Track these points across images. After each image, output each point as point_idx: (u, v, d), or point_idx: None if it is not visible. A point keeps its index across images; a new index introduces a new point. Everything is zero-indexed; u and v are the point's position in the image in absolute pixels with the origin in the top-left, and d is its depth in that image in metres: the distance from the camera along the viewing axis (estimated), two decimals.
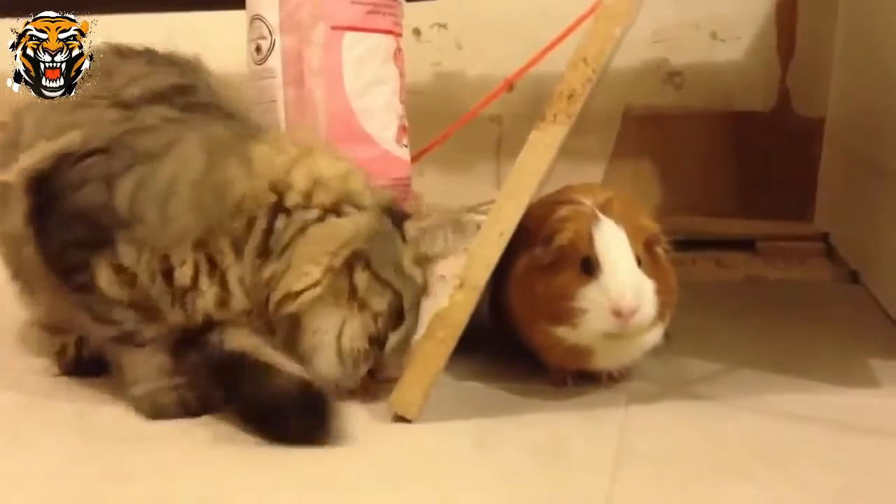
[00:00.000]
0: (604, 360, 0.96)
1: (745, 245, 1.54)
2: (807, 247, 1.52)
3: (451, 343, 0.89)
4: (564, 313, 0.90)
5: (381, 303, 0.91)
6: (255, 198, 0.89)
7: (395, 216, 0.95)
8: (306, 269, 0.89)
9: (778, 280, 1.46)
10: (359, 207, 0.92)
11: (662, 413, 0.92)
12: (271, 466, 0.81)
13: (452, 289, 0.89)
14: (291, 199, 0.90)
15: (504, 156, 1.74)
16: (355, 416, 0.90)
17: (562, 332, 0.92)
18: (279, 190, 0.90)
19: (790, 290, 1.40)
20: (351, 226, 0.91)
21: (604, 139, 1.74)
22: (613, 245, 0.90)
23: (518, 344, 1.01)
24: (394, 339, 0.93)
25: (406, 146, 1.23)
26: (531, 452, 0.83)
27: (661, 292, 0.91)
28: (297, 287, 0.88)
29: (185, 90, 0.97)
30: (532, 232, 0.93)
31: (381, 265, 0.92)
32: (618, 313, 0.88)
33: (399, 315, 0.93)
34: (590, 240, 0.90)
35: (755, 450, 0.83)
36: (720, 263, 1.50)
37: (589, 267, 0.90)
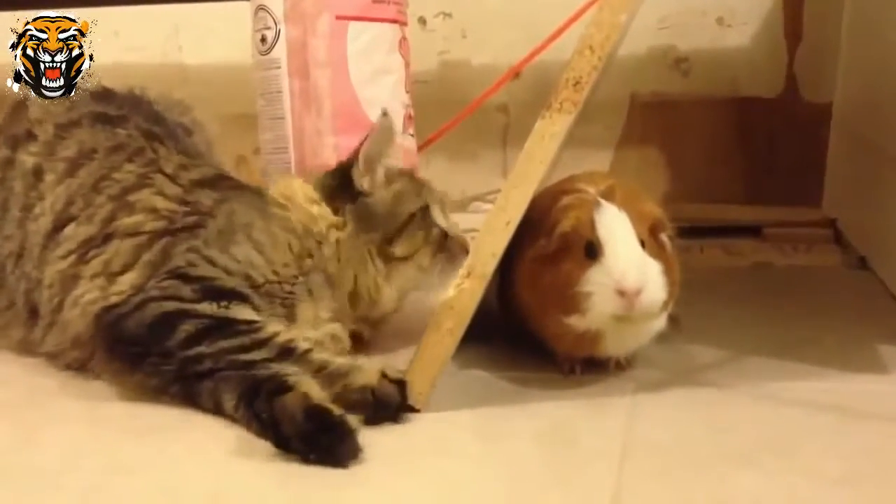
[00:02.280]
0: (613, 346, 0.96)
1: (753, 231, 1.54)
2: (814, 233, 1.52)
3: (459, 333, 0.89)
4: (572, 300, 0.90)
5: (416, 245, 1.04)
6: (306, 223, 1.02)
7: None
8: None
9: (785, 266, 1.45)
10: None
11: (669, 401, 0.92)
12: (276, 457, 0.81)
13: (459, 278, 0.89)
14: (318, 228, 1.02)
15: (510, 144, 1.73)
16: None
17: (572, 320, 0.92)
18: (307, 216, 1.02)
19: (798, 277, 1.40)
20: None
21: (610, 126, 1.73)
22: (615, 227, 0.90)
23: (525, 333, 1.01)
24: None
25: (412, 135, 1.24)
26: (538, 441, 0.83)
27: (667, 276, 0.91)
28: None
29: (223, 177, 1.09)
30: (537, 221, 0.93)
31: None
32: (622, 293, 0.88)
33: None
34: (592, 225, 0.91)
35: (762, 437, 0.83)
36: (728, 250, 1.50)
37: (592, 251, 0.90)
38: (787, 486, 0.73)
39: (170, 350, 0.88)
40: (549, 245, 0.92)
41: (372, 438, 0.84)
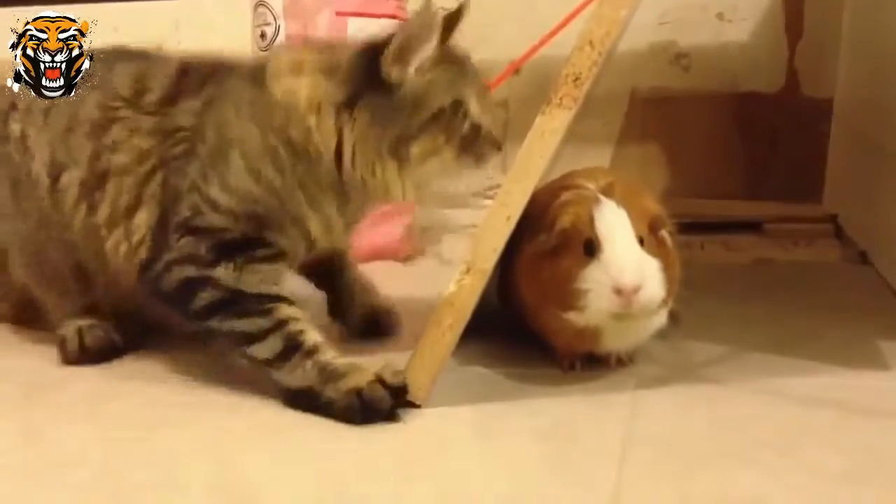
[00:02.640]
0: (612, 342, 0.96)
1: (753, 227, 1.53)
2: (815, 228, 1.51)
3: (459, 328, 0.89)
4: (570, 297, 0.90)
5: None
6: (303, 129, 0.94)
7: None
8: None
9: (786, 262, 1.45)
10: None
11: (670, 397, 0.92)
12: (280, 452, 0.82)
13: (459, 274, 0.89)
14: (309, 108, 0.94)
15: (511, 140, 1.71)
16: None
17: (571, 316, 0.92)
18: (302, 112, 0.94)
19: (798, 272, 1.40)
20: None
21: (611, 122, 1.73)
22: (614, 225, 0.90)
23: (525, 328, 1.01)
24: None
25: None
26: (539, 438, 0.83)
27: (666, 273, 0.91)
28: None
29: (185, 72, 1.02)
30: (537, 217, 0.93)
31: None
32: (619, 291, 0.88)
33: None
34: (591, 221, 0.91)
35: (762, 434, 0.83)
36: (728, 246, 1.50)
37: (591, 248, 0.90)
38: (787, 483, 0.73)
39: (191, 314, 0.94)
40: (548, 241, 0.92)
41: (372, 435, 0.84)
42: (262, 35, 1.18)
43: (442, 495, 0.74)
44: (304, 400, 0.89)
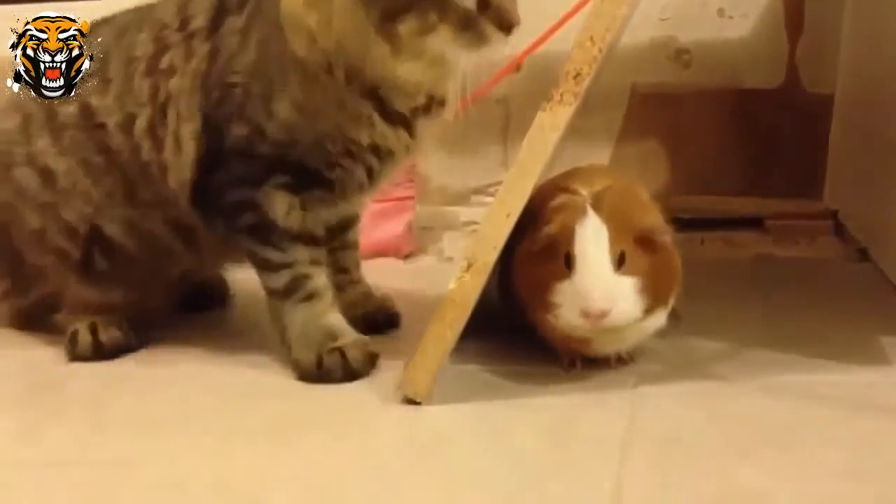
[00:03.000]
0: (602, 348, 0.96)
1: (754, 223, 1.53)
2: (816, 225, 1.51)
3: (460, 325, 0.89)
4: (547, 303, 0.91)
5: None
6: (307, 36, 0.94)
7: None
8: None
9: (787, 258, 1.45)
10: None
11: (671, 394, 0.92)
12: (279, 451, 0.81)
13: (460, 271, 0.89)
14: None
15: (511, 137, 1.73)
16: (364, 399, 0.91)
17: (553, 318, 0.92)
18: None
19: (799, 269, 1.40)
20: None
21: (611, 118, 1.73)
22: (590, 244, 0.90)
23: (526, 325, 1.01)
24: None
25: None
26: (540, 434, 0.83)
27: (655, 281, 0.91)
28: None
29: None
30: (535, 214, 0.93)
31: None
32: (586, 314, 0.89)
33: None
34: (572, 237, 0.91)
35: (764, 430, 0.83)
36: (729, 242, 1.50)
37: (568, 262, 0.90)
38: (790, 479, 0.73)
39: (237, 228, 1.00)
40: (536, 244, 0.92)
41: (374, 430, 0.84)
42: None
43: (443, 492, 0.74)
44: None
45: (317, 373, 0.97)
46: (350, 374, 0.97)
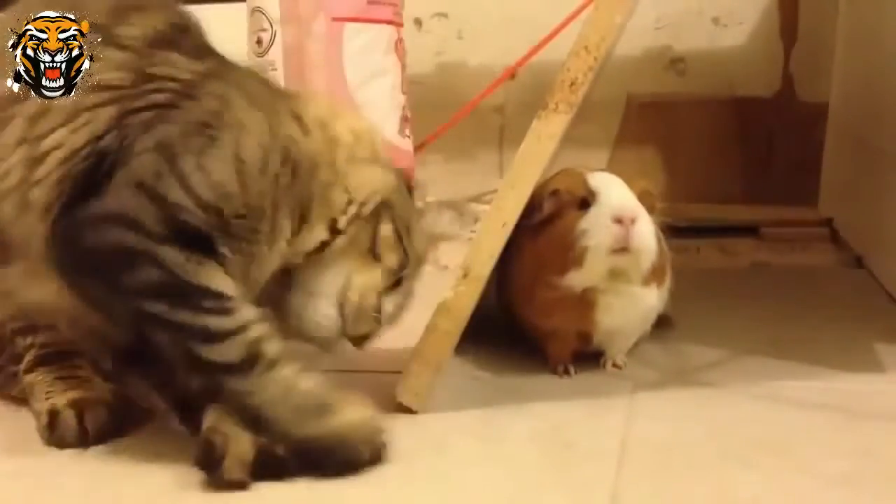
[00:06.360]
0: (605, 316, 0.96)
1: (750, 231, 1.54)
2: (811, 232, 1.52)
3: (456, 334, 0.89)
4: (569, 251, 0.92)
5: (393, 260, 0.86)
6: (317, 154, 0.84)
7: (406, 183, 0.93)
8: (335, 216, 0.84)
9: (782, 266, 1.45)
10: (383, 164, 0.89)
11: (667, 401, 0.92)
12: None
13: (456, 280, 0.89)
14: (341, 155, 0.86)
15: (507, 145, 1.74)
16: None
17: (569, 278, 0.93)
18: (331, 149, 0.86)
19: (794, 276, 1.40)
20: (383, 175, 0.88)
21: (607, 127, 1.74)
22: (608, 180, 0.95)
23: (523, 334, 1.01)
24: (390, 303, 0.87)
25: (408, 136, 1.24)
26: (537, 442, 0.83)
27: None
28: (322, 237, 0.83)
29: (185, 29, 0.89)
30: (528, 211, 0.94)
31: (400, 221, 0.88)
32: (618, 219, 0.90)
33: (398, 279, 0.88)
34: (585, 184, 0.94)
35: (760, 437, 0.83)
36: (724, 250, 1.50)
37: (586, 202, 0.93)
38: (784, 486, 0.73)
39: (121, 288, 0.76)
40: (542, 211, 0.94)
41: None
42: (259, 41, 1.18)
43: (440, 499, 0.74)
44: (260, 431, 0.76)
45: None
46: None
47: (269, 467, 0.76)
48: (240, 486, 0.74)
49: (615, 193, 0.93)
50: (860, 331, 1.09)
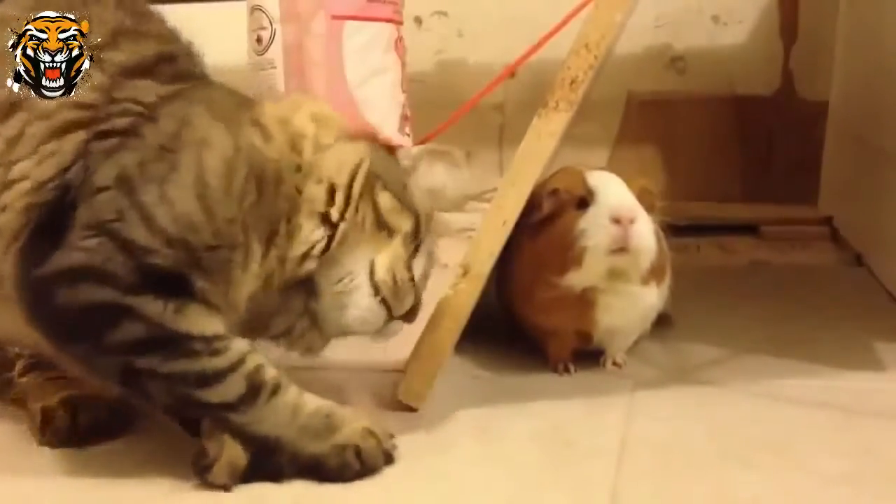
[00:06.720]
0: (604, 316, 0.96)
1: (749, 230, 1.54)
2: (811, 231, 1.52)
3: (456, 332, 0.89)
4: (568, 251, 0.92)
5: (405, 224, 0.84)
6: (282, 159, 0.81)
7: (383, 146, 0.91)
8: (323, 209, 0.81)
9: (782, 264, 1.45)
10: (351, 137, 0.87)
11: (667, 400, 0.92)
12: None
13: (456, 278, 0.89)
14: (307, 148, 0.83)
15: (507, 143, 1.73)
16: (360, 406, 0.90)
17: (568, 278, 0.92)
18: (296, 145, 0.83)
19: (794, 275, 1.40)
20: (353, 149, 0.85)
21: (607, 125, 1.74)
22: (607, 179, 0.94)
23: (523, 332, 1.01)
24: (416, 270, 0.85)
25: (408, 135, 1.23)
26: (537, 440, 0.83)
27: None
28: (317, 236, 0.80)
29: (171, 59, 0.87)
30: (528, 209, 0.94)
31: (394, 184, 0.85)
32: (616, 220, 0.90)
33: (417, 241, 0.85)
34: (583, 182, 0.94)
35: (760, 436, 0.83)
36: (724, 248, 1.50)
37: (585, 202, 0.93)
38: (784, 484, 0.73)
39: (105, 347, 0.74)
40: (543, 208, 0.94)
41: None
42: (258, 39, 1.18)
43: (441, 498, 0.74)
44: (268, 454, 0.76)
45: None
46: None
47: (265, 470, 0.76)
48: (224, 488, 0.75)
49: (613, 193, 0.93)
50: (860, 329, 1.09)
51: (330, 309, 0.82)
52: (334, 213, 0.81)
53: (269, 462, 0.76)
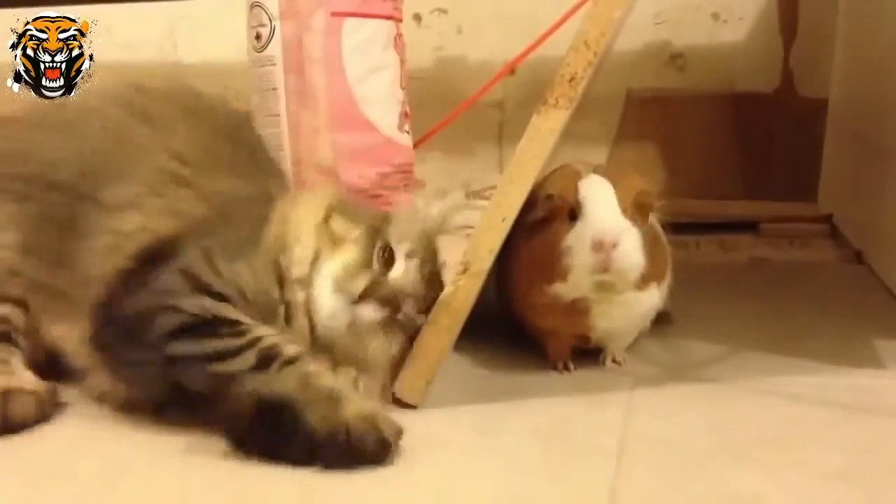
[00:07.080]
0: (601, 321, 0.95)
1: (749, 227, 1.54)
2: (810, 228, 1.52)
3: (456, 329, 0.89)
4: (556, 262, 0.91)
5: (355, 231, 0.89)
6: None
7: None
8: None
9: (782, 262, 1.45)
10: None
11: (667, 397, 0.92)
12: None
13: (455, 275, 0.89)
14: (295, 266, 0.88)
15: (506, 141, 1.74)
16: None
17: (556, 288, 0.92)
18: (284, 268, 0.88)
19: (794, 272, 1.40)
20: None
21: (606, 122, 1.74)
22: (596, 191, 0.92)
23: (523, 329, 1.01)
24: (398, 268, 0.89)
25: (408, 132, 1.23)
26: (536, 437, 0.83)
27: (651, 249, 0.92)
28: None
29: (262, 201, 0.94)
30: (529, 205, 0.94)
31: (349, 211, 0.91)
32: (597, 247, 0.89)
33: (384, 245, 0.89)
34: (576, 191, 0.92)
35: (760, 433, 0.83)
36: (724, 246, 1.50)
37: (574, 214, 0.91)
38: (785, 481, 0.73)
39: (149, 344, 0.80)
40: (538, 211, 0.93)
41: None
42: (258, 36, 1.18)
43: (439, 494, 0.74)
44: (273, 419, 0.78)
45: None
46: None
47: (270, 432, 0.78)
48: None
49: (598, 213, 0.91)
50: (860, 327, 1.09)
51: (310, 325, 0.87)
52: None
53: (276, 423, 0.77)
